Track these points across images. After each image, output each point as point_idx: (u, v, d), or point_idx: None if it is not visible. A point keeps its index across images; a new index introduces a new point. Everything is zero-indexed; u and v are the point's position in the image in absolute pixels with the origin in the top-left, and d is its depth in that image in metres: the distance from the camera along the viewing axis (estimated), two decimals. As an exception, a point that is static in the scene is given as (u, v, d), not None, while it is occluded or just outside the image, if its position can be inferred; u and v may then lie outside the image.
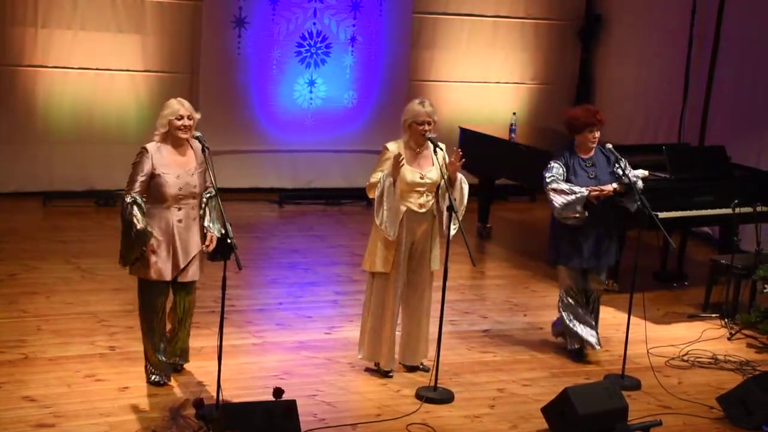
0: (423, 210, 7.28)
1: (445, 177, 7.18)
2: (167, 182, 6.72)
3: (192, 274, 6.89)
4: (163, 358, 6.98)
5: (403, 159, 7.10)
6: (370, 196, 7.26)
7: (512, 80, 13.01)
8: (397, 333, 7.52)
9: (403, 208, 7.23)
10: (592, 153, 7.84)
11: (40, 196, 11.18)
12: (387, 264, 7.26)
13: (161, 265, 6.78)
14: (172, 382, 7.01)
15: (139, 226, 6.66)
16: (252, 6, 11.64)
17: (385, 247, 7.24)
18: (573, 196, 7.65)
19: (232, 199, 6.98)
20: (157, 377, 6.96)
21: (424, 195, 7.27)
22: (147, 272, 6.78)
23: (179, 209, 6.78)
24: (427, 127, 7.20)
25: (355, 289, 9.05)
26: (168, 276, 6.81)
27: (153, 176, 6.73)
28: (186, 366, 7.21)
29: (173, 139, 6.78)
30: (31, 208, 10.97)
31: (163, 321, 6.97)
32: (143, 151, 6.77)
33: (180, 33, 11.53)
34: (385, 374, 7.41)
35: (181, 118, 6.72)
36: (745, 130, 11.12)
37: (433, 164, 7.27)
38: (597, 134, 7.78)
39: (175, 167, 6.76)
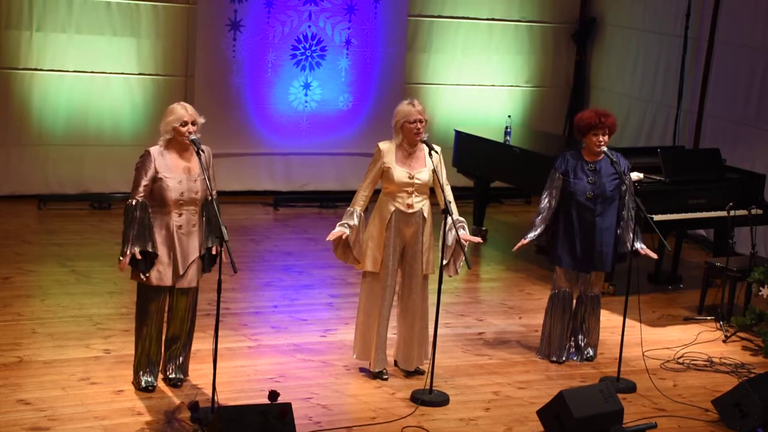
0: (411, 211, 7.27)
1: (449, 212, 7.13)
2: (169, 186, 6.66)
3: (190, 279, 6.85)
4: (155, 359, 6.94)
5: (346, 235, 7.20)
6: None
7: (507, 83, 13.01)
8: (393, 335, 7.53)
9: (392, 208, 7.24)
10: (599, 157, 7.70)
11: (35, 199, 11.16)
12: (376, 264, 7.27)
13: (162, 271, 6.74)
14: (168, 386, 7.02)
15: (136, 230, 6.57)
16: (247, 9, 11.63)
17: (375, 247, 7.25)
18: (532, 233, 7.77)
19: (226, 202, 6.97)
20: (145, 382, 6.92)
21: (413, 196, 7.26)
22: (148, 277, 6.75)
23: (180, 215, 6.72)
24: (419, 126, 7.19)
25: (350, 291, 9.04)
26: (169, 281, 6.77)
27: (155, 180, 6.68)
28: (182, 369, 7.19)
29: (178, 144, 6.71)
30: (26, 211, 10.95)
31: (159, 327, 6.92)
32: (146, 155, 6.71)
33: (175, 36, 11.52)
34: (379, 376, 7.41)
35: (186, 124, 6.63)
36: (740, 132, 11.13)
37: (425, 166, 7.27)
38: (603, 138, 7.58)
39: (177, 172, 6.69)
